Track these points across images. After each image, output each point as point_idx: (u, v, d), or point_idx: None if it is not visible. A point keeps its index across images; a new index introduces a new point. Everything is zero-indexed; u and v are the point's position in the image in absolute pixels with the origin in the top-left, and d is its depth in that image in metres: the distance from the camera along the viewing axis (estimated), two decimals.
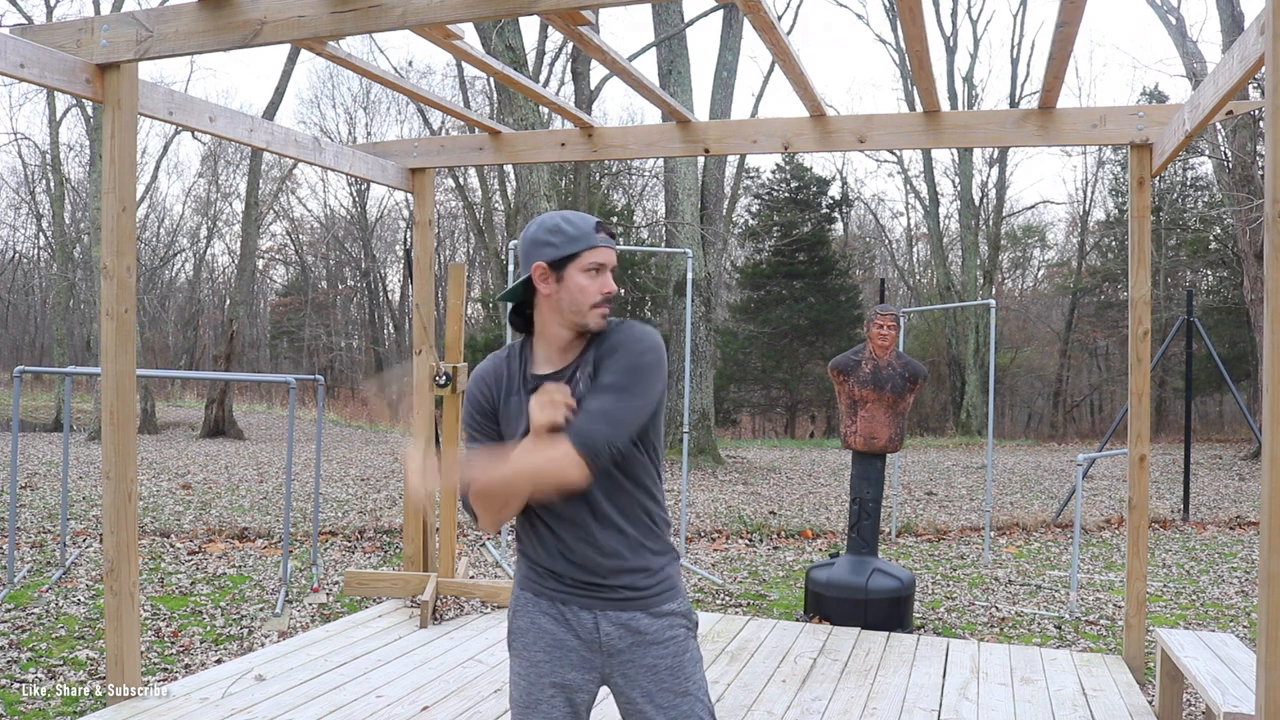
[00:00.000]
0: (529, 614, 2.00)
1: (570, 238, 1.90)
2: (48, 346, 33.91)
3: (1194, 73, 16.81)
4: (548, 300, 1.93)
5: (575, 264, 1.90)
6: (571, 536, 1.94)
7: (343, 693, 3.95)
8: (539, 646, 1.98)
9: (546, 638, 1.97)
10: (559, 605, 1.98)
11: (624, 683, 1.97)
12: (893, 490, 10.18)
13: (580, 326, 1.92)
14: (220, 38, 3.44)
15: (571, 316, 1.91)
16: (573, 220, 1.93)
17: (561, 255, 1.90)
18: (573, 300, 1.90)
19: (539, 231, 1.93)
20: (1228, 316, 24.19)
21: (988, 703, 3.99)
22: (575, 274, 1.90)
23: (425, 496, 2.01)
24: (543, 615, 1.99)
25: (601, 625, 1.95)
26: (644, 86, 4.45)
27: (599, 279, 1.91)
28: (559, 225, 1.92)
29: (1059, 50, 3.80)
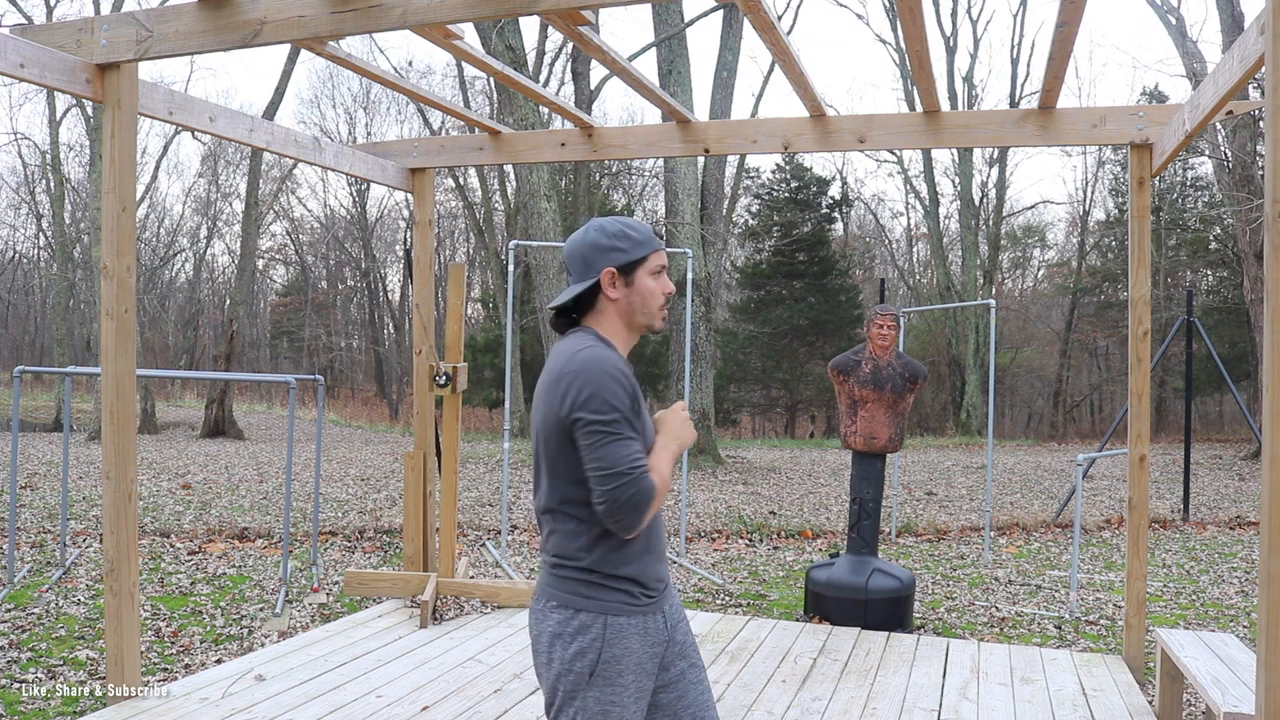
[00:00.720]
0: (623, 641, 1.93)
1: (636, 242, 1.99)
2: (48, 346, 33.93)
3: (1194, 73, 16.81)
4: (615, 304, 1.99)
5: (643, 268, 2.00)
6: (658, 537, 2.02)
7: (343, 693, 3.95)
8: (633, 673, 1.95)
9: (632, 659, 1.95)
10: (642, 618, 1.97)
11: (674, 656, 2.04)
12: (893, 490, 10.18)
13: (648, 327, 2.02)
14: (220, 38, 3.45)
15: (641, 319, 2.01)
16: (634, 226, 2.00)
17: (631, 260, 1.97)
18: (644, 303, 2.00)
19: (601, 237, 1.98)
20: (1228, 316, 24.19)
21: (988, 703, 3.99)
22: (644, 277, 1.99)
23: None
24: (634, 638, 1.95)
25: (668, 620, 2.04)
26: (644, 86, 4.45)
27: (661, 280, 2.02)
28: (623, 231, 1.98)
29: (1059, 50, 3.80)
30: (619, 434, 1.83)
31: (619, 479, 1.81)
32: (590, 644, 1.90)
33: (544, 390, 1.94)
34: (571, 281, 2.03)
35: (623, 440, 1.83)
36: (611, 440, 1.82)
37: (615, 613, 1.92)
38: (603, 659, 1.90)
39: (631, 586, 1.94)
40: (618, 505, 1.81)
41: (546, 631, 1.94)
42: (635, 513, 1.82)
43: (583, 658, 1.90)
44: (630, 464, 1.81)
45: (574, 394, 1.85)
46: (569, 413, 1.85)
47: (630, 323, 2.01)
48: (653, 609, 1.98)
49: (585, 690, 1.90)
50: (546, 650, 1.94)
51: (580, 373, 1.86)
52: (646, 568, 1.97)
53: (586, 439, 1.84)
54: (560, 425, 1.87)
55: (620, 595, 1.93)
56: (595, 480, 1.83)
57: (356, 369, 40.46)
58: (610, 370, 1.87)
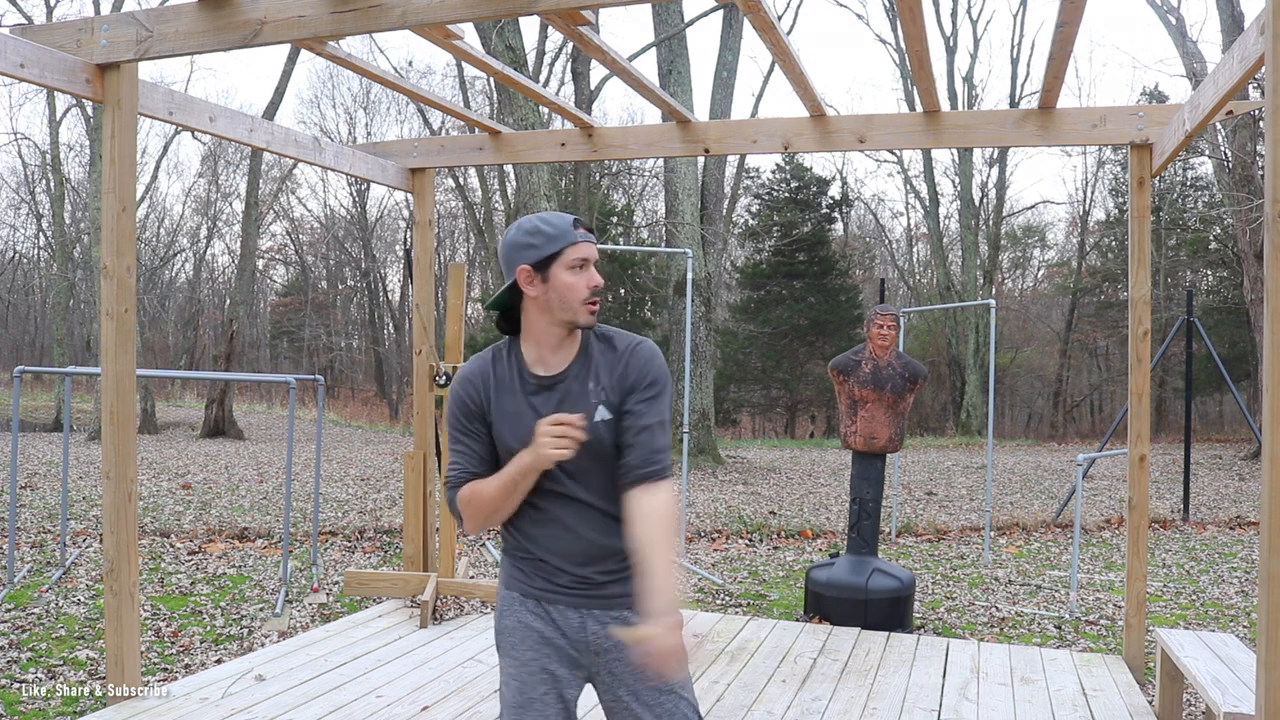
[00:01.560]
0: (515, 613, 2.02)
1: (550, 237, 1.93)
2: (48, 346, 33.92)
3: (1194, 73, 16.81)
4: (535, 302, 1.95)
5: (559, 262, 1.93)
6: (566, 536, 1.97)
7: (343, 693, 3.95)
8: (527, 644, 1.99)
9: (534, 635, 1.99)
10: (544, 605, 2.00)
11: (610, 680, 1.99)
12: (893, 490, 10.18)
13: (572, 323, 1.95)
14: (220, 38, 3.44)
15: (562, 314, 1.94)
16: (550, 220, 1.95)
17: (544, 255, 1.92)
18: (561, 298, 1.93)
19: (518, 235, 1.95)
20: (1228, 316, 24.19)
21: (988, 703, 3.99)
22: (560, 272, 1.93)
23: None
24: (529, 614, 2.00)
25: (588, 625, 1.98)
26: (644, 86, 4.45)
27: (584, 274, 1.94)
28: (537, 227, 1.94)
29: (1059, 50, 3.80)
30: (450, 444, 2.01)
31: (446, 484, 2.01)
32: (497, 611, 2.09)
33: None
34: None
35: (450, 450, 2.01)
36: (449, 448, 2.02)
37: (510, 586, 2.05)
38: (498, 627, 2.06)
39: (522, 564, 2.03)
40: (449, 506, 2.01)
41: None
42: (456, 515, 2.00)
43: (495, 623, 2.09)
44: (447, 473, 2.01)
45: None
46: None
47: (551, 319, 1.95)
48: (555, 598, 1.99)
49: (500, 656, 2.07)
50: None
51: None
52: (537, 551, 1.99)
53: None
54: None
55: (513, 571, 2.05)
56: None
57: (356, 369, 40.45)
58: (456, 382, 2.03)
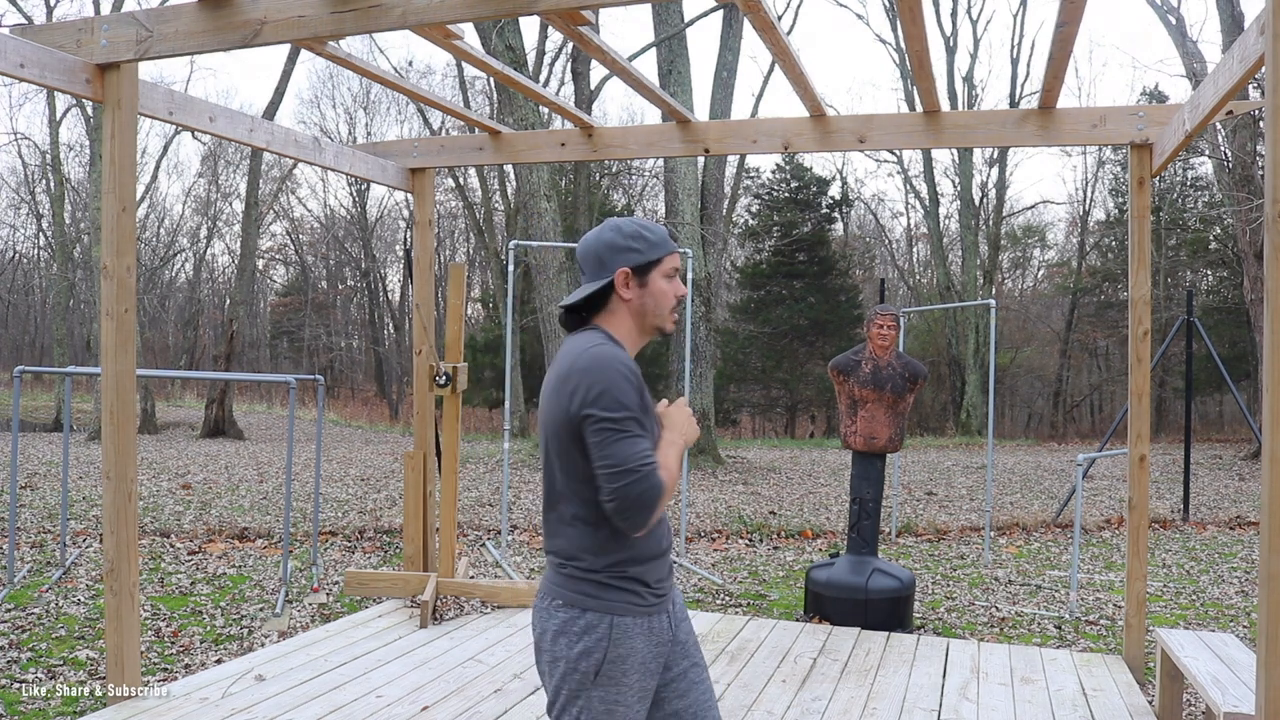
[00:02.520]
0: (629, 641, 1.92)
1: (652, 244, 2.00)
2: (48, 346, 33.93)
3: (1194, 73, 16.81)
4: (628, 305, 2.00)
5: (658, 269, 2.00)
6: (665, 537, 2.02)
7: (343, 693, 3.95)
8: (648, 671, 1.96)
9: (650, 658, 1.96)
10: (648, 619, 1.96)
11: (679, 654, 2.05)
12: (893, 490, 10.18)
13: (659, 329, 2.02)
14: (220, 38, 3.45)
15: (653, 320, 2.01)
16: (650, 227, 2.01)
17: (646, 261, 1.98)
18: (656, 304, 2.00)
19: (617, 237, 1.98)
20: (1228, 316, 24.19)
21: (988, 703, 3.99)
22: (658, 279, 2.00)
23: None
24: (640, 639, 1.94)
25: (669, 622, 2.03)
26: (644, 86, 4.45)
27: (674, 283, 2.02)
28: (639, 232, 1.99)
29: (1059, 50, 3.80)
30: (628, 431, 1.82)
31: (628, 476, 1.79)
32: (596, 643, 1.89)
33: (552, 388, 1.92)
34: (584, 280, 2.03)
35: (632, 437, 1.82)
36: (621, 438, 1.81)
37: (622, 613, 1.91)
38: (608, 658, 1.89)
39: (638, 586, 1.94)
40: (627, 502, 1.80)
41: (551, 629, 1.93)
42: (644, 510, 1.81)
43: (588, 657, 1.89)
44: (639, 461, 1.80)
45: (584, 391, 1.84)
46: (578, 410, 1.84)
47: (641, 324, 2.02)
48: (658, 609, 1.98)
49: (590, 690, 1.89)
50: (550, 648, 1.93)
51: (590, 370, 1.85)
52: (654, 568, 1.97)
53: (595, 436, 1.82)
54: (569, 423, 1.86)
55: (627, 595, 1.92)
56: (604, 478, 1.82)
57: (356, 369, 40.46)
58: (619, 368, 1.86)
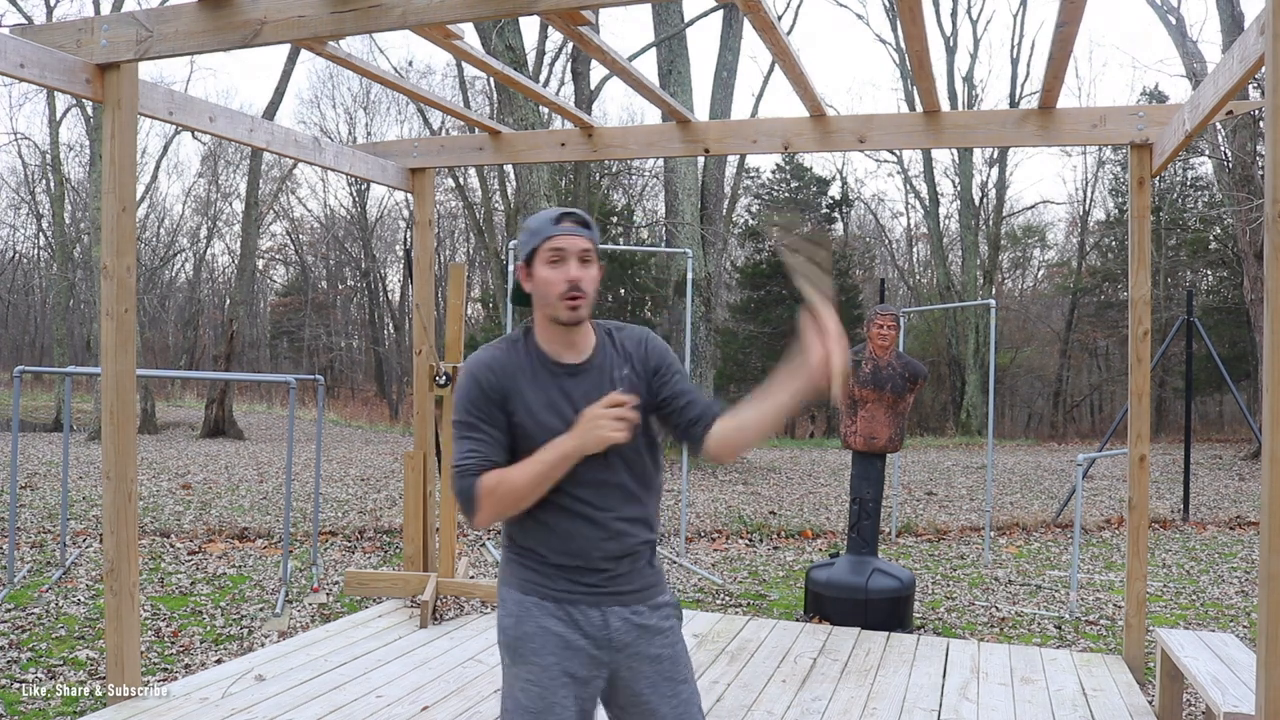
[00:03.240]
0: (534, 618, 1.94)
1: (532, 232, 1.94)
2: (48, 346, 33.91)
3: (1194, 73, 16.81)
4: (533, 297, 1.97)
5: (538, 257, 1.92)
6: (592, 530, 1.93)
7: (343, 693, 3.95)
8: (549, 649, 1.93)
9: (555, 640, 1.94)
10: (566, 606, 1.95)
11: (629, 675, 1.98)
12: (893, 490, 10.18)
13: (553, 319, 1.92)
14: (220, 38, 3.44)
15: (544, 310, 1.93)
16: (538, 216, 1.96)
17: (528, 250, 1.94)
18: (542, 293, 1.91)
19: (520, 235, 1.99)
20: (1228, 316, 24.18)
21: (988, 703, 3.99)
22: (540, 268, 1.92)
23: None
24: (549, 618, 1.94)
25: (610, 621, 1.96)
26: (644, 86, 4.45)
27: (562, 268, 1.88)
28: (527, 224, 1.96)
29: (1059, 50, 3.80)
30: (460, 432, 1.92)
31: (452, 472, 1.89)
32: (505, 616, 1.97)
33: None
34: None
35: (461, 438, 1.91)
36: (457, 436, 1.93)
37: (526, 591, 1.96)
38: (515, 634, 1.94)
39: (539, 566, 1.95)
40: (455, 497, 1.91)
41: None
42: (464, 507, 1.89)
43: (503, 631, 1.98)
44: (457, 461, 1.89)
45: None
46: None
47: (541, 314, 1.96)
48: (578, 601, 1.95)
49: (510, 665, 1.96)
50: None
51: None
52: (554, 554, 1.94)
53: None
54: None
55: (528, 574, 1.96)
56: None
57: (356, 369, 40.46)
58: (472, 369, 1.94)
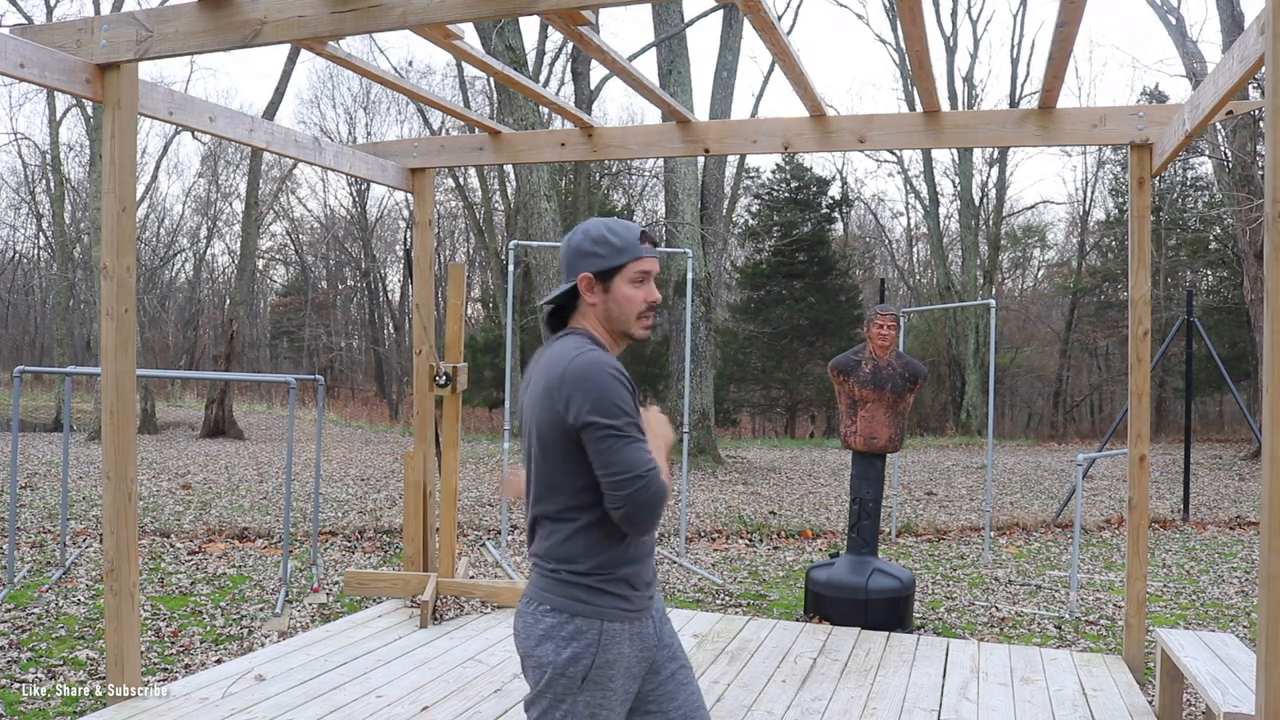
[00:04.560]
0: (616, 646, 1.91)
1: (616, 249, 1.93)
2: (48, 346, 33.92)
3: (1194, 73, 16.81)
4: (594, 310, 1.96)
5: (621, 275, 1.94)
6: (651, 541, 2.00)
7: (343, 693, 3.95)
8: (632, 675, 1.95)
9: (634, 662, 1.95)
10: (635, 623, 1.95)
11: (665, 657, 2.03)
12: (893, 490, 10.18)
13: (626, 335, 1.97)
14: (220, 38, 3.44)
15: (619, 325, 1.96)
16: (617, 231, 1.94)
17: (608, 266, 1.93)
18: (620, 310, 1.95)
19: (584, 241, 1.95)
20: (1228, 316, 24.18)
21: (988, 703, 3.99)
22: (622, 285, 1.94)
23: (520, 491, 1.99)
24: (626, 644, 1.93)
25: (654, 626, 2.02)
26: (644, 86, 4.45)
27: (644, 288, 1.95)
28: (604, 236, 1.94)
29: (1059, 50, 3.80)
30: (631, 436, 1.81)
31: (638, 482, 1.78)
32: (585, 649, 1.88)
33: (541, 395, 1.89)
34: (562, 283, 2.03)
35: (636, 443, 1.81)
36: (626, 444, 1.80)
37: (611, 618, 1.91)
38: (596, 664, 1.88)
39: (626, 590, 1.93)
40: (637, 507, 1.79)
41: (536, 634, 1.91)
42: (653, 513, 1.81)
43: (577, 663, 1.88)
44: (647, 466, 1.80)
45: (580, 399, 1.82)
46: (577, 418, 1.82)
47: (610, 329, 1.97)
48: (645, 613, 1.98)
49: (576, 694, 1.89)
50: (535, 652, 1.91)
51: (585, 377, 1.83)
52: (642, 571, 1.96)
53: (599, 444, 1.81)
54: (565, 431, 1.85)
55: (615, 600, 1.92)
56: (612, 485, 1.80)
57: (356, 369, 40.46)
58: (613, 373, 1.85)
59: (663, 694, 2.01)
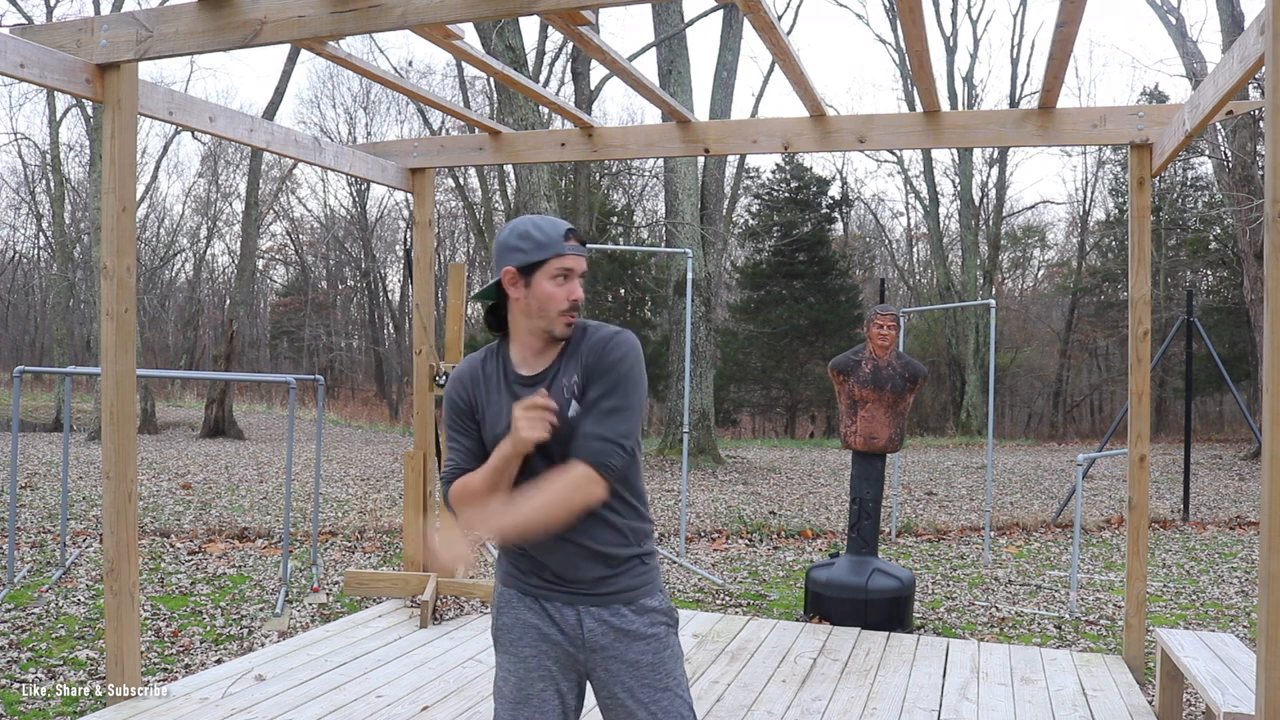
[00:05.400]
0: (513, 610, 2.04)
1: (538, 244, 1.94)
2: (48, 346, 33.91)
3: (1194, 73, 16.82)
4: (517, 304, 1.98)
5: (543, 271, 1.94)
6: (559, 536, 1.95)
7: (343, 693, 3.95)
8: (526, 641, 2.02)
9: (532, 632, 2.02)
10: (541, 602, 2.02)
11: (606, 677, 1.99)
12: (893, 490, 10.18)
13: (547, 333, 1.97)
14: (220, 38, 3.44)
15: (539, 322, 1.96)
16: (542, 227, 1.96)
17: (530, 261, 1.94)
18: (540, 306, 1.95)
19: (509, 236, 1.97)
20: (1228, 316, 24.18)
21: (988, 703, 3.99)
22: (543, 280, 1.94)
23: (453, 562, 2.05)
24: (526, 610, 2.03)
25: (585, 621, 1.99)
26: (644, 86, 4.45)
27: (566, 285, 1.95)
28: (528, 231, 1.95)
29: (1059, 50, 3.80)
30: (449, 442, 2.05)
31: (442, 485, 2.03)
32: (494, 608, 2.10)
33: None
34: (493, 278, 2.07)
35: (449, 447, 2.05)
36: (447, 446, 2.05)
37: (505, 583, 2.07)
38: (496, 624, 2.08)
39: (518, 560, 2.04)
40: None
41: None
42: (451, 510, 2.00)
43: (493, 620, 2.10)
44: (443, 468, 2.04)
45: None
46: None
47: (530, 325, 1.98)
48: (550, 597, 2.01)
49: (497, 650, 2.08)
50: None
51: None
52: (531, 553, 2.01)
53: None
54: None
55: (509, 567, 2.06)
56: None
57: (356, 369, 40.45)
58: (451, 381, 2.06)
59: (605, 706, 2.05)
